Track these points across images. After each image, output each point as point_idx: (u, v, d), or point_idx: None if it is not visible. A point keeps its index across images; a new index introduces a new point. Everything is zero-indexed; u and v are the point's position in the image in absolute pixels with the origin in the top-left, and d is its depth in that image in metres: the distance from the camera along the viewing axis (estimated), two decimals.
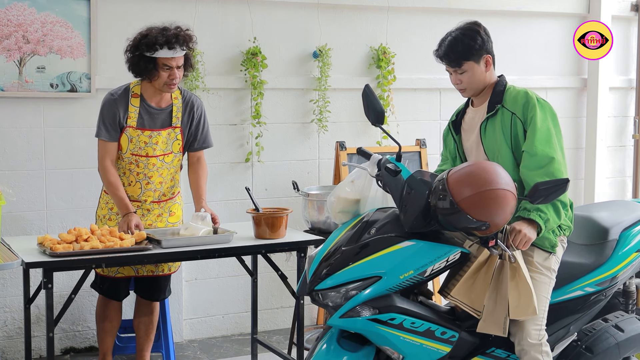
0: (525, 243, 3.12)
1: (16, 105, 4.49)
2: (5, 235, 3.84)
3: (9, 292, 4.71)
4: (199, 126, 4.13)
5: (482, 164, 3.10)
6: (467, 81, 3.46)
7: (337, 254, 3.11)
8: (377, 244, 3.07)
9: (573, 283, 3.40)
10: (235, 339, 5.21)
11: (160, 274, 4.10)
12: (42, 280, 3.39)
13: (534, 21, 6.06)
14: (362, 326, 3.03)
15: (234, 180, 5.19)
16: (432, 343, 3.10)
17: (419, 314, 3.09)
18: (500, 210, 2.96)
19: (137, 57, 3.86)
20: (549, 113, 3.31)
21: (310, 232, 4.38)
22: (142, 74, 3.89)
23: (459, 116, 3.58)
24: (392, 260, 3.04)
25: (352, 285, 3.02)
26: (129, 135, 3.94)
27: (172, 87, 3.92)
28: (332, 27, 5.41)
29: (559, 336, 3.41)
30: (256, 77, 5.11)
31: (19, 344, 4.73)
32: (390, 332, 3.03)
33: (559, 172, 3.17)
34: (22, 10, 4.56)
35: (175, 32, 3.86)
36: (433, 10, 5.72)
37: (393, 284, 3.03)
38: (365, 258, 3.05)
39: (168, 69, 3.86)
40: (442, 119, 5.82)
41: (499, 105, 3.40)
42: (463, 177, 2.99)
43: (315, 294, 3.11)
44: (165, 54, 3.83)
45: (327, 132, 5.38)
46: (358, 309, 3.01)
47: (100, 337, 4.18)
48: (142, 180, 3.99)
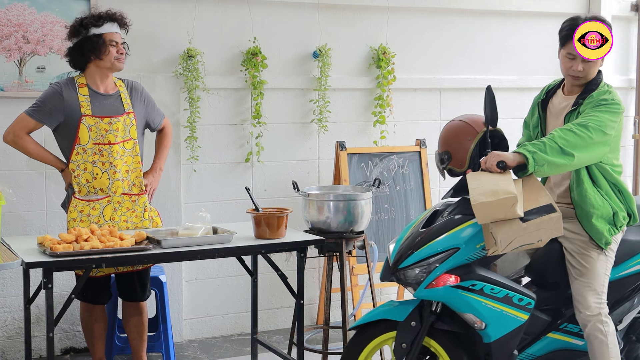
0: (489, 160, 3.34)
1: (16, 105, 4.48)
2: (5, 235, 3.84)
3: (9, 292, 4.71)
4: (149, 106, 4.25)
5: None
6: (588, 70, 3.57)
7: (416, 236, 3.44)
8: (451, 223, 3.41)
9: (633, 259, 3.63)
10: (235, 339, 5.21)
11: (140, 268, 4.10)
12: (42, 280, 3.38)
13: (533, 21, 6.06)
14: (446, 294, 3.34)
15: (234, 180, 5.19)
16: (510, 310, 3.36)
17: (497, 280, 3.38)
18: (455, 139, 3.52)
19: (85, 38, 3.98)
20: (610, 120, 3.42)
21: (310, 232, 4.37)
22: (92, 52, 3.98)
23: (549, 95, 3.73)
24: (467, 233, 3.37)
25: (433, 258, 3.36)
26: (87, 124, 3.95)
27: (121, 62, 4.05)
28: (332, 27, 5.41)
29: (625, 309, 3.64)
30: (256, 77, 5.11)
31: (19, 344, 4.73)
32: (473, 297, 3.32)
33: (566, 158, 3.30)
34: (22, 10, 4.56)
35: (112, 12, 4.08)
36: (433, 10, 5.72)
37: (470, 253, 3.36)
38: (443, 235, 3.39)
39: (115, 44, 4.01)
40: (442, 119, 5.82)
41: (582, 100, 3.53)
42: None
43: (399, 273, 3.42)
44: (110, 29, 4.00)
45: (327, 132, 5.38)
46: (441, 278, 3.32)
47: (91, 343, 4.17)
48: (108, 170, 4.00)
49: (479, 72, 5.93)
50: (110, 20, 4.02)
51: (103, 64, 4.01)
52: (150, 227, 4.11)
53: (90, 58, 4.01)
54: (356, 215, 4.35)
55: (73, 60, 4.07)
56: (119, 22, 4.06)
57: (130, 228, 4.05)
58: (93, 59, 4.00)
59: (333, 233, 4.36)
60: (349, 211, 4.33)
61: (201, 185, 5.11)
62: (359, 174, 5.22)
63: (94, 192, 4.01)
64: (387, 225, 5.27)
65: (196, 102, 4.97)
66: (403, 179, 5.35)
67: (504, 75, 6.01)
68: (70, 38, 4.05)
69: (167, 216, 4.80)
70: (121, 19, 4.09)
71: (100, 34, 3.98)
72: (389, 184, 5.31)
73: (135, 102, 4.14)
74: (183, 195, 5.06)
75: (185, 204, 5.06)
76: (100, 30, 3.98)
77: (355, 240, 4.45)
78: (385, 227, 5.26)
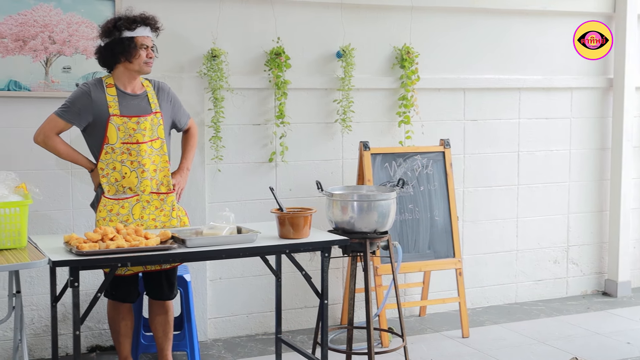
0: None
1: (42, 105, 4.53)
2: (32, 234, 3.88)
3: (36, 290, 4.75)
4: (176, 107, 4.27)
5: None
6: None
7: None
8: None
9: None
10: (260, 339, 5.22)
11: (167, 267, 4.12)
12: (68, 279, 3.40)
13: (558, 20, 6.02)
14: None
15: (258, 180, 5.20)
16: None
17: None
18: None
19: (117, 40, 4.01)
20: None
21: (334, 232, 4.38)
22: (122, 54, 4.00)
23: None
24: None
25: None
26: (115, 124, 3.98)
27: (150, 66, 4.08)
28: (355, 27, 5.41)
29: None
30: (280, 77, 5.12)
31: (46, 341, 4.78)
32: None
33: None
34: (48, 11, 4.60)
35: (145, 15, 4.09)
36: (457, 9, 5.70)
37: None
38: None
39: (145, 48, 4.03)
40: (466, 119, 5.80)
41: None
42: None
43: None
44: (142, 32, 4.03)
45: (350, 132, 5.38)
46: None
47: (118, 341, 4.20)
48: (137, 169, 4.03)
49: (503, 72, 5.90)
50: (143, 24, 4.04)
51: (132, 66, 4.04)
52: (178, 226, 4.13)
53: (120, 59, 4.03)
54: (380, 216, 4.34)
55: (102, 59, 4.10)
56: (151, 26, 4.08)
57: (159, 227, 4.08)
58: (123, 60, 4.03)
59: (357, 233, 4.36)
60: (373, 211, 4.33)
61: (225, 185, 5.13)
62: (382, 174, 5.22)
63: (123, 190, 4.04)
64: (411, 225, 5.26)
65: (220, 102, 4.99)
66: (427, 179, 5.34)
67: (528, 75, 5.98)
68: (101, 37, 4.08)
69: (191, 216, 4.81)
70: (154, 23, 4.11)
71: (132, 37, 4.00)
72: (413, 184, 5.30)
73: (162, 102, 4.17)
74: (207, 195, 5.08)
75: (210, 204, 5.08)
76: (133, 34, 4.00)
77: (379, 241, 4.44)
78: (409, 228, 5.25)
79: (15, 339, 3.84)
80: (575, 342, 5.13)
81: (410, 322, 5.58)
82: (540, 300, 6.17)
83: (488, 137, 5.90)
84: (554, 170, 6.16)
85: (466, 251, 5.86)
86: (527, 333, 5.32)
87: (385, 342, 5.07)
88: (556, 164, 6.16)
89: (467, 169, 5.84)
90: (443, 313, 5.78)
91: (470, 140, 5.84)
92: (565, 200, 6.22)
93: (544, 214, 6.15)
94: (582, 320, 5.62)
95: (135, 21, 4.02)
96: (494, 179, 5.95)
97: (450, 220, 5.34)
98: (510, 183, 6.01)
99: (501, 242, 6.03)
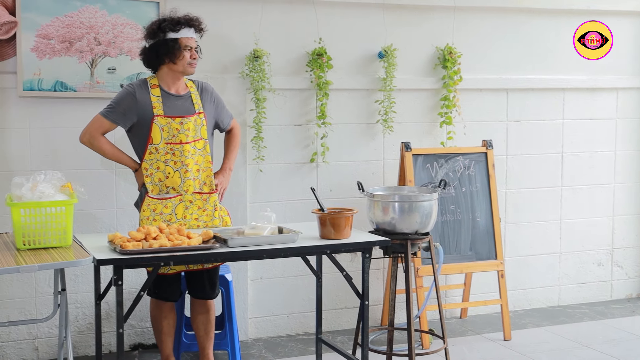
0: None
1: (88, 105, 4.60)
2: (77, 233, 3.93)
3: (80, 288, 4.82)
4: (219, 107, 4.30)
5: None
6: None
7: None
8: None
9: None
10: (300, 339, 5.23)
11: (210, 267, 4.15)
12: (112, 277, 3.45)
13: (603, 20, 5.93)
14: None
15: (299, 181, 5.22)
16: None
17: None
18: None
19: (162, 41, 4.05)
20: None
21: (375, 233, 4.37)
22: (167, 55, 4.04)
23: None
24: None
25: None
26: (159, 124, 4.02)
27: (194, 67, 4.11)
28: (397, 27, 5.39)
29: None
30: (321, 78, 5.12)
31: (89, 339, 4.84)
32: None
33: None
34: (94, 12, 4.67)
35: (189, 16, 4.13)
36: (500, 9, 5.65)
37: None
38: None
39: (189, 50, 4.07)
40: (508, 119, 5.75)
41: None
42: None
43: None
44: (186, 34, 4.06)
45: (392, 132, 5.36)
46: None
47: (160, 339, 4.23)
48: (180, 169, 4.06)
49: (547, 72, 5.84)
50: (187, 25, 4.08)
51: (176, 67, 4.07)
52: (220, 226, 4.16)
53: (164, 60, 4.07)
54: (422, 217, 4.33)
55: (147, 60, 4.14)
56: (195, 27, 4.12)
57: (201, 226, 4.11)
58: (167, 62, 4.07)
59: (398, 234, 4.35)
60: (415, 212, 4.31)
61: (267, 185, 5.15)
62: (424, 174, 5.19)
63: (166, 190, 4.08)
64: (453, 226, 5.22)
65: (262, 102, 5.01)
66: (469, 180, 5.30)
67: (573, 75, 5.90)
68: (146, 39, 4.12)
69: (233, 215, 4.85)
70: (198, 24, 4.14)
71: (176, 39, 4.04)
72: (455, 185, 5.27)
73: (205, 102, 4.20)
74: (249, 195, 5.10)
75: (251, 204, 5.10)
76: (177, 35, 4.04)
77: (420, 242, 4.43)
78: (450, 229, 5.22)
79: (60, 336, 3.89)
80: (619, 346, 5.05)
81: (451, 323, 5.55)
82: (584, 303, 6.09)
83: (531, 138, 5.84)
84: (598, 171, 6.08)
85: (508, 253, 5.80)
86: (570, 336, 5.25)
87: (425, 343, 5.05)
88: (601, 165, 6.08)
89: (509, 170, 5.79)
90: (484, 315, 5.73)
91: (513, 141, 5.78)
92: (610, 202, 6.13)
93: (588, 216, 6.07)
94: (627, 325, 5.53)
95: (179, 22, 4.06)
96: (537, 181, 5.89)
97: (493, 221, 5.30)
98: (553, 184, 5.95)
99: (544, 244, 5.96)
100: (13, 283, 4.70)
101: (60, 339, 3.90)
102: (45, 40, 4.58)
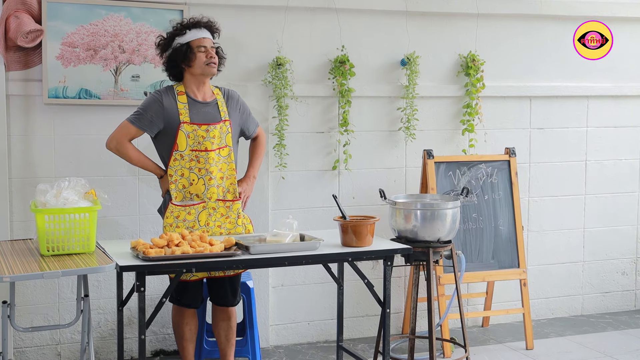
0: None
1: (112, 112, 4.63)
2: (100, 239, 3.96)
3: (103, 294, 4.85)
4: (245, 115, 4.30)
5: None
6: None
7: None
8: None
9: None
10: (321, 346, 5.23)
11: (232, 274, 4.16)
12: (134, 284, 3.46)
13: (628, 27, 5.89)
14: None
15: (322, 188, 5.22)
16: None
17: None
18: None
19: (174, 50, 4.08)
20: None
21: (397, 241, 4.36)
22: (182, 62, 4.06)
23: None
24: None
25: None
26: (185, 131, 4.03)
27: (213, 67, 4.10)
28: (420, 35, 5.39)
29: None
30: (344, 85, 5.13)
31: (111, 345, 4.87)
32: None
33: None
34: (119, 20, 4.70)
35: (195, 18, 4.13)
36: (523, 16, 5.63)
37: None
38: None
39: (203, 50, 4.06)
40: (532, 127, 5.72)
41: None
42: None
43: None
44: (195, 35, 4.07)
45: (414, 140, 5.35)
46: None
47: (182, 346, 4.23)
48: (204, 176, 4.07)
49: (571, 80, 5.80)
50: (194, 26, 4.09)
51: (194, 70, 4.09)
52: (242, 234, 4.17)
53: (182, 67, 4.10)
54: (444, 225, 4.31)
55: (170, 72, 4.16)
56: (205, 27, 4.12)
57: (224, 234, 4.12)
58: (185, 67, 4.09)
59: (420, 242, 4.34)
60: (437, 220, 4.30)
61: (289, 192, 5.16)
62: (446, 182, 5.18)
63: (190, 197, 4.09)
64: (475, 234, 5.20)
65: (285, 110, 5.02)
66: (492, 188, 5.28)
67: (597, 83, 5.86)
68: (161, 55, 4.15)
69: (255, 222, 4.86)
70: (207, 23, 4.15)
71: (185, 42, 4.06)
72: (477, 193, 5.24)
73: (231, 110, 4.21)
74: (271, 202, 5.11)
75: (273, 211, 5.11)
76: (185, 39, 4.06)
77: (442, 250, 4.41)
78: (473, 237, 5.19)
79: (82, 341, 3.91)
80: None
81: (473, 332, 5.52)
82: (607, 312, 6.04)
83: (555, 145, 5.81)
84: (622, 179, 6.03)
85: (531, 261, 5.77)
86: (593, 346, 5.21)
87: (447, 352, 5.02)
88: (625, 173, 6.03)
89: (532, 178, 5.76)
90: (506, 324, 5.70)
91: (537, 148, 5.75)
92: (635, 210, 6.07)
93: (612, 225, 6.02)
94: None
95: (185, 26, 4.09)
96: (561, 189, 5.85)
97: (515, 229, 5.27)
98: (577, 193, 5.90)
99: (567, 252, 5.92)
100: (37, 289, 4.73)
101: (83, 345, 3.92)
102: (71, 48, 4.62)
